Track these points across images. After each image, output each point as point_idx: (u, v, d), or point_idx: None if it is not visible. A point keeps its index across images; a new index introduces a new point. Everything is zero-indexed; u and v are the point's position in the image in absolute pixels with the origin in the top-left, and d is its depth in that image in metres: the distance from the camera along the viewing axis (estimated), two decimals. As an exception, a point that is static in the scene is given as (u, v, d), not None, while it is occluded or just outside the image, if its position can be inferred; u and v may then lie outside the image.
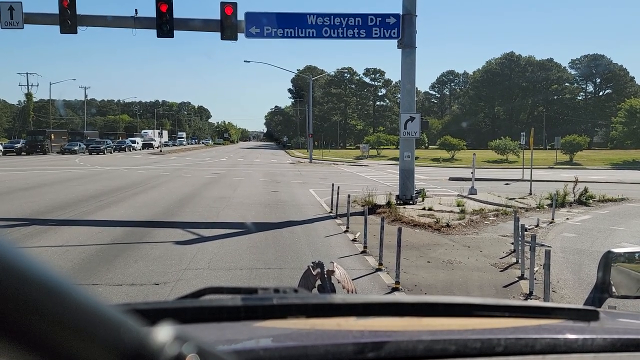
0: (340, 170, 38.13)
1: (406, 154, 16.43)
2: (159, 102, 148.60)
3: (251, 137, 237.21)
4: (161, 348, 0.47)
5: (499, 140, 55.26)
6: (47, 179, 23.48)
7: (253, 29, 15.75)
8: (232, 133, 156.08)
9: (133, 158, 47.31)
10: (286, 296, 1.01)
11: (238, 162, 46.03)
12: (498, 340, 0.91)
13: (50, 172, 27.90)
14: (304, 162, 49.14)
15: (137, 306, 0.85)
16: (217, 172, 31.40)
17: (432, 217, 13.53)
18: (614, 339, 1.01)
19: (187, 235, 10.58)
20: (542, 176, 34.05)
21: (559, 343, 0.95)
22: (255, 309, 0.93)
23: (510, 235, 11.63)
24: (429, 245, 10.22)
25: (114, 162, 40.37)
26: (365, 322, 1.04)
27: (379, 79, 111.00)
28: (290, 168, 38.77)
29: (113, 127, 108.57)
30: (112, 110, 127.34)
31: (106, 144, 58.91)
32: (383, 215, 13.57)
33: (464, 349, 0.90)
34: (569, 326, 1.06)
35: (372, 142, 63.30)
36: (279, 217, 13.41)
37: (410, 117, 16.06)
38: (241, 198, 17.66)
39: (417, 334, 0.94)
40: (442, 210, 14.86)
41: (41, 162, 38.52)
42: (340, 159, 57.46)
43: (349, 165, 48.13)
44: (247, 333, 1.03)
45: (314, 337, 0.94)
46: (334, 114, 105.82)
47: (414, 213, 14.12)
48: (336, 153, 69.23)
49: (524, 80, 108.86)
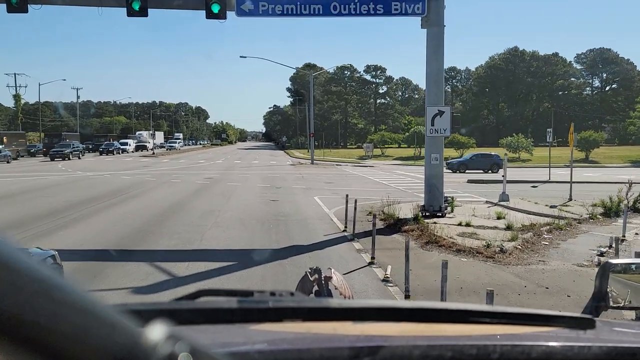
0: (345, 172, 35.23)
1: (433, 157, 13.50)
2: (156, 103, 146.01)
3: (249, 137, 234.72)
4: (154, 347, 0.47)
5: (510, 137, 52.27)
6: (14, 189, 20.53)
7: (246, 5, 12.85)
8: (230, 133, 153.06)
9: (122, 161, 44.31)
10: (282, 299, 1.01)
11: (235, 164, 43.10)
12: (494, 346, 0.90)
13: (25, 180, 24.96)
14: (305, 163, 46.23)
15: (132, 307, 0.84)
16: (211, 176, 28.48)
17: (476, 237, 10.63)
18: (609, 348, 1.00)
19: (154, 275, 7.67)
20: (564, 176, 31.16)
21: (555, 351, 0.94)
22: (251, 311, 0.93)
23: (587, 265, 8.75)
24: (490, 286, 7.31)
25: (100, 166, 37.42)
26: (362, 326, 1.02)
27: (380, 76, 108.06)
28: (290, 170, 35.87)
29: (109, 128, 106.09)
30: (109, 111, 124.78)
31: (73, 148, 48.17)
32: (410, 235, 10.70)
33: (460, 355, 0.89)
34: (566, 334, 1.06)
35: (376, 141, 60.36)
36: (280, 240, 10.51)
37: (438, 112, 13.16)
38: (234, 211, 14.76)
39: (413, 340, 0.93)
40: (484, 227, 11.95)
41: (21, 168, 35.60)
42: (343, 160, 54.55)
43: (353, 166, 45.26)
44: (243, 336, 1.01)
45: (309, 341, 0.94)
46: (334, 113, 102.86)
47: (450, 231, 11.18)
48: (338, 153, 66.27)
49: (529, 76, 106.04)
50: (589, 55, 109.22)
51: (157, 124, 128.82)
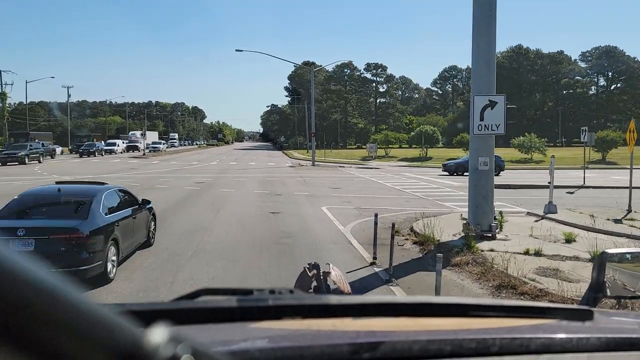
0: (351, 175, 32.13)
1: (482, 161, 10.41)
2: (152, 102, 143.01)
3: (247, 137, 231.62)
4: (155, 349, 0.47)
5: (522, 137, 49.24)
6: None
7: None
8: (226, 133, 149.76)
9: (109, 163, 41.01)
10: (282, 297, 1.01)
11: (230, 166, 39.90)
12: (493, 340, 0.90)
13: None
14: (305, 165, 43.11)
15: (132, 307, 0.84)
16: (203, 180, 25.33)
17: (563, 276, 7.53)
18: (608, 339, 1.01)
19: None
20: (591, 179, 28.16)
21: (553, 343, 0.95)
22: (251, 310, 0.93)
23: None
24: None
25: (83, 169, 34.18)
26: (361, 322, 1.02)
27: (380, 75, 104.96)
28: (290, 173, 32.76)
29: (105, 128, 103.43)
30: (104, 111, 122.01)
31: (30, 149, 39.79)
32: (467, 272, 7.61)
33: (460, 349, 0.89)
34: (564, 326, 1.06)
35: (380, 141, 57.26)
36: (286, 279, 7.40)
37: (489, 102, 10.08)
38: (224, 229, 11.64)
39: (412, 334, 0.93)
40: (561, 256, 8.78)
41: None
42: (345, 161, 51.43)
43: (356, 168, 42.16)
44: (243, 334, 1.01)
45: (309, 338, 0.94)
46: (333, 112, 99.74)
47: (520, 263, 8.01)
48: (338, 154, 63.11)
49: (533, 74, 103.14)
50: (594, 54, 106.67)
51: (153, 124, 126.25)
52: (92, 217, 7.08)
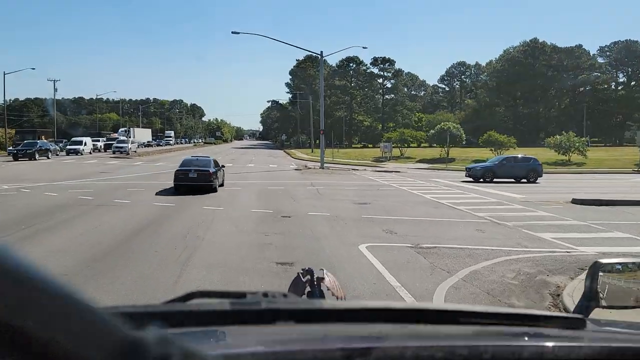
0: (371, 181, 26.14)
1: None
2: (150, 99, 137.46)
3: (246, 135, 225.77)
4: (146, 350, 0.47)
5: (559, 136, 43.23)
6: None
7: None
8: (225, 131, 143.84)
9: (79, 165, 34.66)
10: (275, 301, 1.01)
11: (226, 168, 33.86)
12: (485, 347, 0.90)
13: None
14: (312, 167, 37.15)
15: (124, 309, 0.83)
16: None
17: None
18: (600, 347, 1.01)
19: None
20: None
21: (546, 351, 0.94)
22: (244, 313, 0.93)
23: None
24: None
25: (43, 172, 28.15)
26: (354, 328, 1.02)
27: (388, 70, 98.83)
28: (297, 179, 26.79)
29: (100, 126, 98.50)
30: (100, 108, 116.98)
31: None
32: None
33: (452, 355, 0.89)
34: (557, 334, 1.06)
35: (395, 140, 51.22)
36: None
37: None
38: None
39: (405, 340, 0.93)
40: None
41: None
42: (357, 162, 45.39)
43: (372, 171, 36.18)
44: (235, 337, 0.99)
45: (302, 343, 0.93)
46: (337, 109, 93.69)
47: None
48: (347, 154, 57.01)
49: (550, 70, 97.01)
50: (614, 48, 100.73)
51: (150, 121, 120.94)
52: (212, 167, 18.69)
